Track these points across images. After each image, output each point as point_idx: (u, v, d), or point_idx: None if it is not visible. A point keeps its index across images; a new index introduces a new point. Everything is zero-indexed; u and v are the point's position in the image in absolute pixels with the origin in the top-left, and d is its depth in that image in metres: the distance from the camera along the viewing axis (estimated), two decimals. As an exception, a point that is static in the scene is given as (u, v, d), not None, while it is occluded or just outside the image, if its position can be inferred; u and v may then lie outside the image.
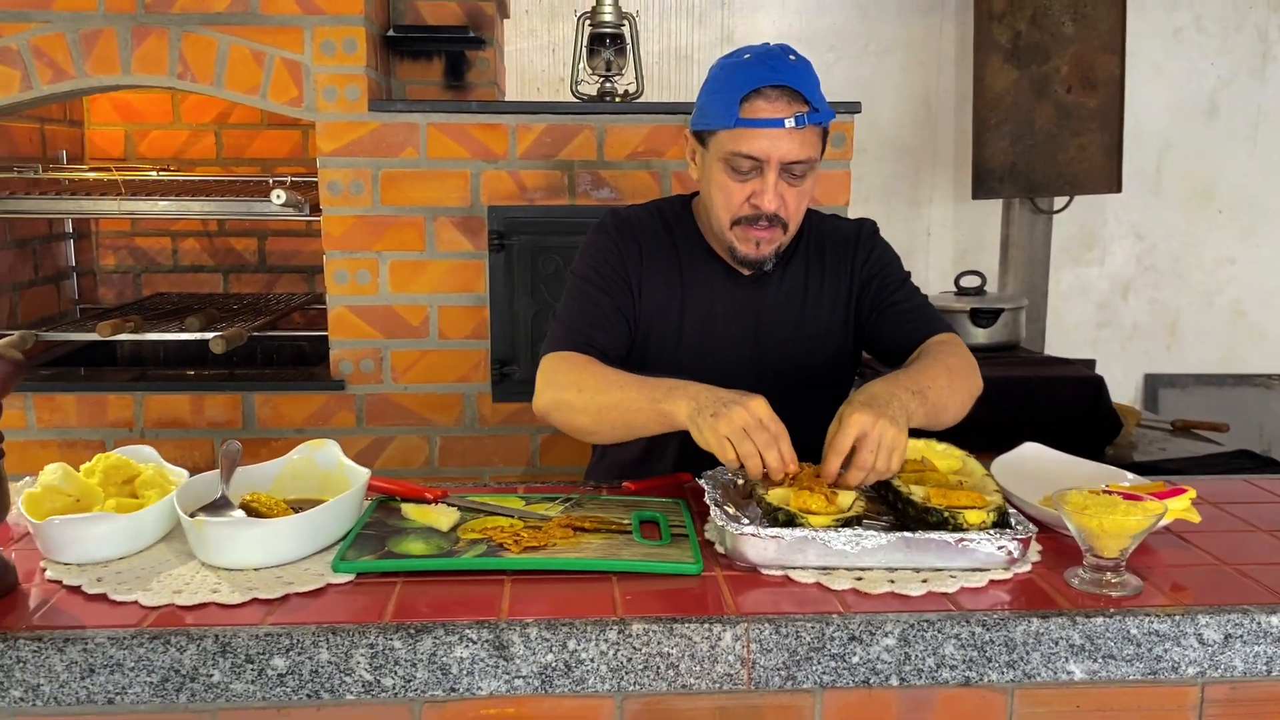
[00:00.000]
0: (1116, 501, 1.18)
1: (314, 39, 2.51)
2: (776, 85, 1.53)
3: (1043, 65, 3.58)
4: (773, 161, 1.55)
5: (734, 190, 1.59)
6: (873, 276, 1.74)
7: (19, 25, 2.48)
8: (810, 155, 1.57)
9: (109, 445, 2.59)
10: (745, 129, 1.54)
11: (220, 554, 1.21)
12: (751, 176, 1.57)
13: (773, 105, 1.53)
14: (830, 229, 1.78)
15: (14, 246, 2.82)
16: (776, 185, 1.57)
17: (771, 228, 1.61)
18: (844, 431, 1.30)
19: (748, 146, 1.54)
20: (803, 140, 1.55)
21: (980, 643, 1.10)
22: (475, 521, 1.34)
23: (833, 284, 1.75)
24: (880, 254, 1.77)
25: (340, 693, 1.08)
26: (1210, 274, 4.16)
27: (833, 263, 1.75)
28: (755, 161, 1.56)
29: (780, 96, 1.53)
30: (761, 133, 1.53)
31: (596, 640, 1.08)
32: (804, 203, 1.64)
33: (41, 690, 1.06)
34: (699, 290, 1.72)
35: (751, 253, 1.64)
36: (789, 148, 1.54)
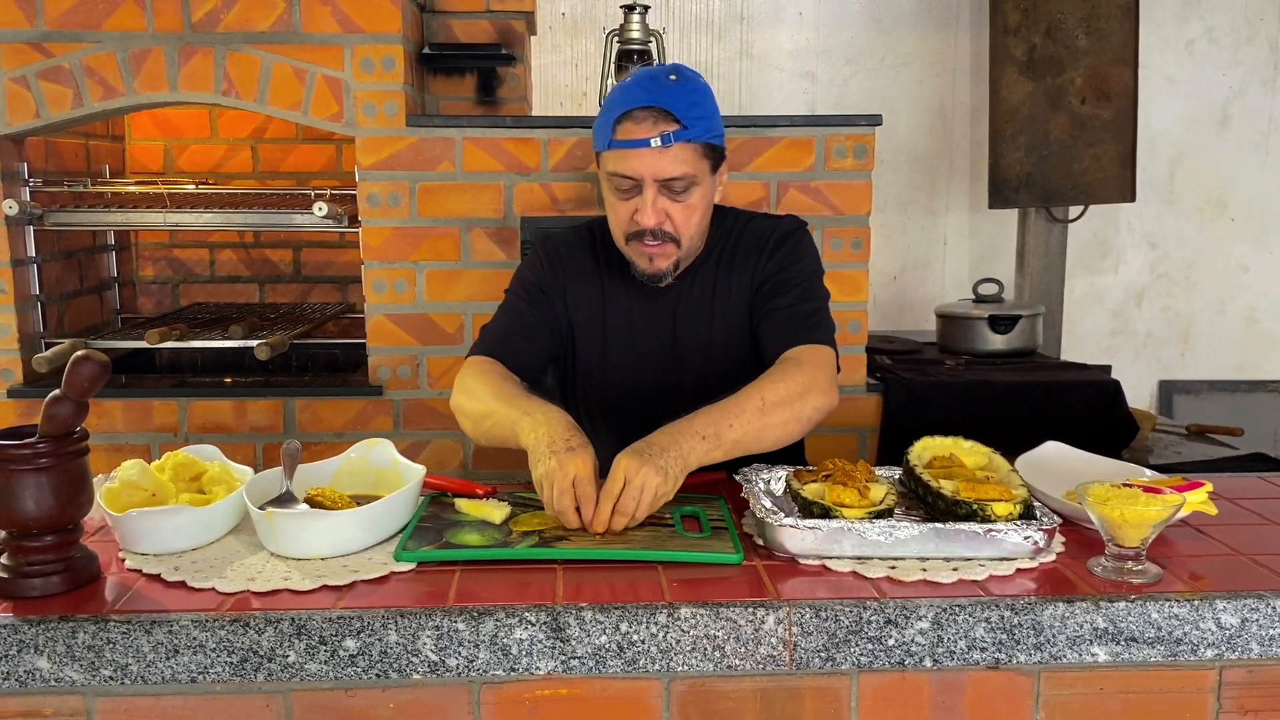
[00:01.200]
0: (1137, 494, 1.24)
1: (354, 57, 2.60)
2: (645, 106, 1.60)
3: (1057, 77, 3.65)
4: (647, 179, 1.61)
5: (620, 209, 1.67)
6: (768, 278, 1.76)
7: (71, 45, 2.57)
8: (685, 171, 1.62)
9: (154, 449, 2.67)
10: (617, 150, 1.62)
11: (290, 544, 1.28)
12: (632, 194, 1.64)
13: (639, 126, 1.60)
14: (750, 230, 1.81)
15: (61, 258, 2.91)
16: (655, 202, 1.63)
17: (661, 243, 1.67)
18: (612, 477, 1.34)
19: (621, 166, 1.62)
20: (674, 157, 1.60)
21: (1009, 626, 1.16)
22: (525, 515, 1.41)
23: (739, 284, 1.78)
24: (784, 255, 1.77)
25: (407, 672, 1.15)
26: (1223, 282, 4.21)
27: (741, 263, 1.78)
28: (632, 180, 1.63)
29: (647, 117, 1.59)
30: (631, 153, 1.60)
31: (647, 623, 1.15)
32: (694, 217, 1.68)
33: (130, 670, 1.13)
34: (620, 300, 1.80)
35: (646, 268, 1.71)
36: (659, 165, 1.60)
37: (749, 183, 2.68)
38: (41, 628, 1.12)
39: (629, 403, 1.81)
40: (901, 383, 2.77)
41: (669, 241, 1.67)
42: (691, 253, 1.75)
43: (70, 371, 1.17)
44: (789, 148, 2.67)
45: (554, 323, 1.80)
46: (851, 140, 2.68)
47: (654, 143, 1.59)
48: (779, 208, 2.69)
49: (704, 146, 1.64)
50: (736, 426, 1.47)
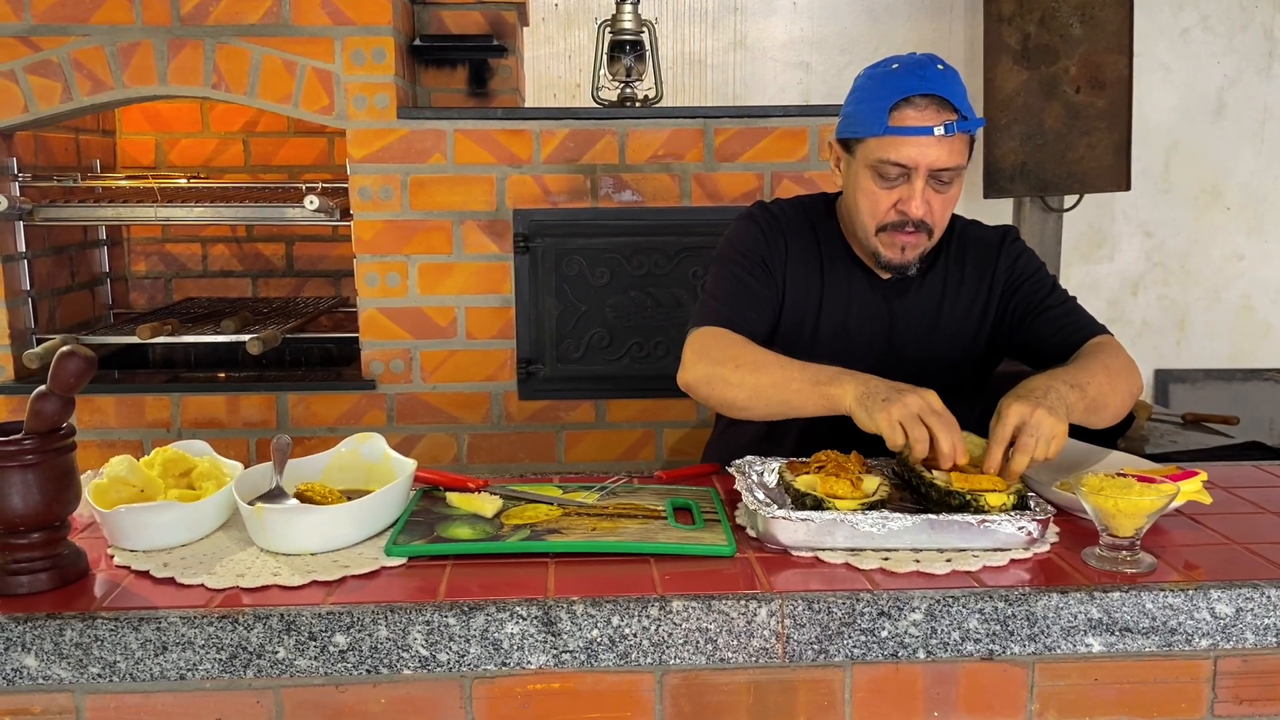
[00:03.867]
0: (1131, 483, 1.24)
1: (344, 49, 2.59)
2: (925, 94, 1.56)
3: (1052, 66, 3.64)
4: (921, 169, 1.58)
5: (881, 197, 1.62)
6: (1020, 282, 1.75)
7: (59, 39, 2.56)
8: (958, 163, 1.60)
9: (146, 445, 2.66)
10: (894, 137, 1.57)
11: (279, 540, 1.27)
12: (899, 183, 1.60)
13: (922, 113, 1.56)
14: (974, 236, 1.80)
15: (52, 253, 2.90)
16: (924, 192, 1.60)
17: (917, 233, 1.64)
18: (1004, 422, 1.35)
19: (896, 154, 1.58)
20: (951, 148, 1.58)
21: (1003, 617, 1.16)
22: (517, 509, 1.40)
23: (971, 290, 1.76)
24: (1025, 260, 1.77)
25: (398, 668, 1.14)
26: (1219, 270, 4.20)
27: (974, 270, 1.76)
28: (903, 169, 1.59)
29: (929, 105, 1.56)
30: (910, 140, 1.56)
31: (639, 616, 1.14)
32: (949, 209, 1.66)
33: (118, 667, 1.12)
34: (838, 290, 1.75)
35: (896, 258, 1.67)
36: (937, 155, 1.57)
37: (742, 174, 2.67)
38: (29, 625, 1.11)
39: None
40: (896, 373, 2.76)
41: (924, 232, 1.64)
42: (931, 246, 1.70)
43: (56, 367, 1.16)
44: (782, 138, 2.66)
45: (774, 298, 1.74)
46: (845, 130, 2.66)
47: (937, 131, 1.55)
48: (773, 198, 2.68)
49: (971, 139, 1.63)
50: (1094, 384, 1.48)
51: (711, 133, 2.65)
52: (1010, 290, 1.76)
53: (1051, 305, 1.73)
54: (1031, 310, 1.74)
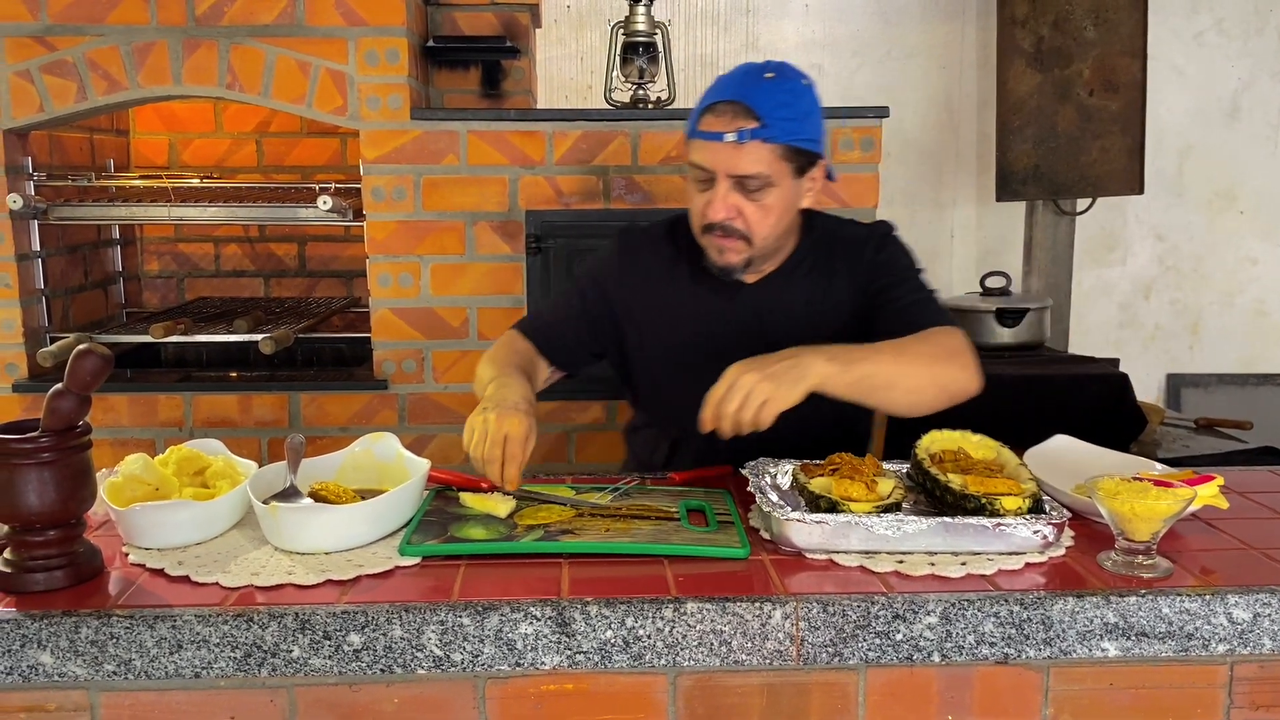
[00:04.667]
0: (1147, 487, 1.23)
1: (358, 50, 2.59)
2: (729, 100, 1.58)
3: (1065, 69, 3.63)
4: (720, 174, 1.60)
5: (696, 199, 1.66)
6: (878, 275, 1.75)
7: (75, 39, 2.57)
8: (759, 171, 1.59)
9: (159, 444, 2.67)
10: (696, 140, 1.62)
11: (294, 539, 1.27)
12: (708, 186, 1.63)
13: (718, 119, 1.58)
14: (845, 235, 1.80)
15: (66, 252, 2.91)
16: (727, 197, 1.61)
17: (729, 238, 1.65)
18: (719, 383, 1.38)
19: (698, 157, 1.62)
20: (748, 155, 1.58)
21: (1019, 621, 1.16)
22: (530, 509, 1.40)
23: (842, 289, 1.76)
24: (889, 253, 1.77)
25: (411, 668, 1.14)
26: (1232, 274, 4.18)
27: (843, 268, 1.77)
28: (707, 172, 1.62)
29: (728, 111, 1.58)
30: (707, 145, 1.60)
31: (653, 617, 1.14)
32: (768, 218, 1.64)
33: (133, 665, 1.13)
34: (706, 299, 1.77)
35: (718, 260, 1.69)
36: (731, 161, 1.58)
37: (755, 175, 2.67)
38: (44, 622, 1.11)
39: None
40: (908, 376, 2.75)
41: (739, 238, 1.65)
42: (768, 252, 1.71)
43: (73, 365, 1.16)
44: (795, 140, 2.65)
45: (601, 322, 1.80)
46: (858, 132, 2.66)
47: (728, 137, 1.57)
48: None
49: (784, 148, 1.60)
50: (867, 362, 1.46)
51: (724, 134, 2.64)
52: (870, 282, 1.75)
53: (900, 296, 1.72)
54: (880, 301, 1.73)
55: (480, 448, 1.42)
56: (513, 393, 1.51)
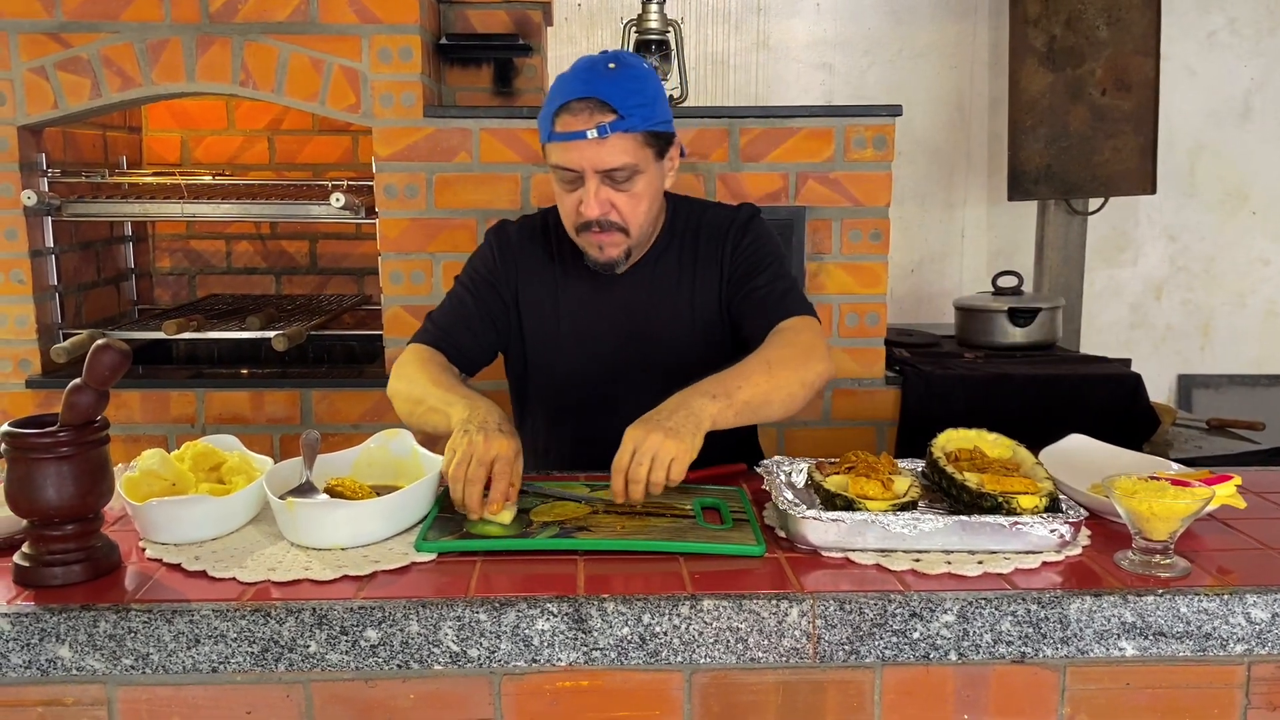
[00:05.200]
0: (1165, 486, 1.23)
1: (371, 47, 2.59)
2: (581, 98, 1.59)
3: (1077, 68, 3.62)
4: (588, 171, 1.61)
5: (566, 200, 1.67)
6: (738, 266, 1.76)
7: (89, 35, 2.57)
8: (626, 161, 1.61)
9: (171, 440, 2.68)
10: (557, 143, 1.62)
11: (311, 534, 1.28)
12: (576, 186, 1.64)
13: (576, 118, 1.59)
14: (709, 219, 1.81)
15: (79, 249, 2.92)
16: (598, 193, 1.62)
17: (608, 232, 1.66)
18: (621, 449, 1.36)
19: (562, 158, 1.62)
20: (613, 148, 1.59)
21: (1036, 620, 1.15)
22: (545, 506, 1.40)
23: (705, 273, 1.78)
24: (750, 240, 1.77)
25: (428, 663, 1.14)
26: (1244, 275, 4.17)
27: (706, 252, 1.78)
28: (574, 172, 1.62)
29: (584, 109, 1.58)
30: (570, 145, 1.60)
31: (670, 615, 1.14)
32: (640, 205, 1.67)
33: (150, 659, 1.13)
34: (576, 289, 1.79)
35: (598, 257, 1.70)
36: (597, 157, 1.60)
37: (767, 174, 2.67)
38: (63, 616, 1.12)
39: (589, 395, 1.79)
40: (920, 375, 2.75)
41: (617, 231, 1.67)
42: (643, 240, 1.74)
43: (91, 360, 1.17)
44: (808, 138, 2.66)
45: (499, 316, 1.81)
46: (871, 131, 2.66)
47: (590, 134, 1.58)
48: (798, 199, 2.67)
49: (644, 135, 1.62)
50: (746, 387, 1.48)
51: (737, 133, 2.64)
52: (731, 274, 1.77)
53: (758, 287, 1.73)
54: (739, 293, 1.75)
55: (462, 468, 1.34)
56: (492, 415, 1.44)
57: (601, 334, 1.80)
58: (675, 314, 1.79)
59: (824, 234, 2.70)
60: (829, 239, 2.70)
